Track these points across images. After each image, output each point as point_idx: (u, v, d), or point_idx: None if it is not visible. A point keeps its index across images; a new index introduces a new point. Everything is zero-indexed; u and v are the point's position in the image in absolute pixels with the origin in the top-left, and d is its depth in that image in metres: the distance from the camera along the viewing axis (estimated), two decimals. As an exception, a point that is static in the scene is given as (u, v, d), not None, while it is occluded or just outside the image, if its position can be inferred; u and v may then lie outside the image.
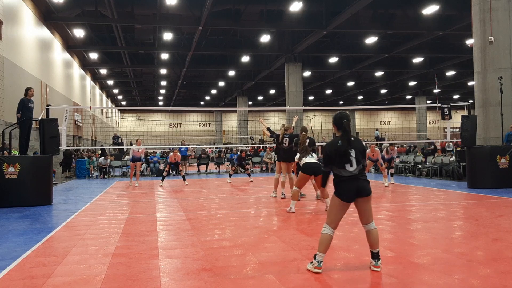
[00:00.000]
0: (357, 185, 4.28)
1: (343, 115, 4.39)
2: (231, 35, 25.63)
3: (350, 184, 4.29)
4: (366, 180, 4.36)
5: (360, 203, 4.35)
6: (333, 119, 4.43)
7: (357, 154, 4.30)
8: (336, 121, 4.40)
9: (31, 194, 10.14)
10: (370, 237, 4.37)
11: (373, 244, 4.36)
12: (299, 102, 26.70)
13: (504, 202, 9.19)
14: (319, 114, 52.05)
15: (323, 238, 4.35)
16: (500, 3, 12.99)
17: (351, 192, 4.29)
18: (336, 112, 4.49)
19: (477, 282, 3.94)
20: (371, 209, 4.39)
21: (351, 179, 4.29)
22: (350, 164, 4.28)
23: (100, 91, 40.74)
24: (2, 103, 14.30)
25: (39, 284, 4.13)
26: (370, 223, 4.38)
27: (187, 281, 4.16)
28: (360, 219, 4.45)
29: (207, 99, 48.04)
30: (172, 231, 6.71)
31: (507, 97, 12.80)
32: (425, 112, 43.98)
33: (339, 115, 4.39)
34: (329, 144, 4.44)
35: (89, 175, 20.84)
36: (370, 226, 4.37)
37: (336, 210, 4.37)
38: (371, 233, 4.36)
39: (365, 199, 4.33)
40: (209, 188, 14.06)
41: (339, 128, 4.38)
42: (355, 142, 4.35)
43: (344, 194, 4.31)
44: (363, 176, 4.35)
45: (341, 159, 4.28)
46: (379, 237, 4.41)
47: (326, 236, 4.34)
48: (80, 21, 21.50)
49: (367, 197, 4.33)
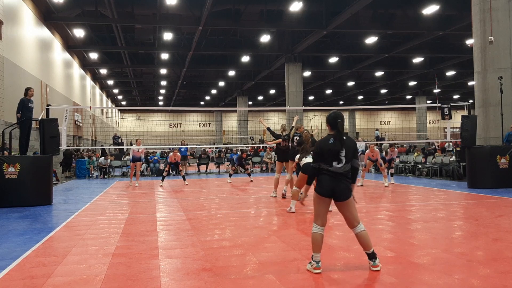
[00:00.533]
0: (335, 185, 4.30)
1: (337, 114, 4.42)
2: (231, 35, 25.63)
3: (328, 180, 4.32)
4: (346, 182, 4.33)
5: (340, 207, 4.39)
6: (327, 119, 4.47)
7: (347, 153, 4.31)
8: (330, 121, 4.44)
9: (31, 194, 10.14)
10: (359, 239, 4.37)
11: (364, 246, 4.36)
12: (299, 102, 26.70)
13: (504, 202, 9.19)
14: (319, 114, 52.10)
15: (313, 238, 4.40)
16: (500, 3, 12.99)
17: (326, 188, 4.32)
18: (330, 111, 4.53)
19: (477, 282, 3.94)
20: (353, 212, 4.37)
21: (331, 176, 4.32)
22: (337, 162, 4.31)
23: (100, 91, 40.73)
24: (2, 103, 14.30)
25: (39, 284, 4.14)
26: (356, 227, 4.36)
27: (187, 281, 4.16)
28: (347, 223, 4.46)
29: (207, 99, 48.03)
30: (172, 231, 6.71)
31: (507, 97, 12.80)
32: (425, 112, 43.98)
33: (333, 115, 4.43)
34: (321, 141, 4.49)
35: (89, 175, 20.84)
36: (356, 229, 4.36)
37: (318, 205, 4.41)
38: (359, 236, 4.36)
39: (343, 203, 4.34)
40: (209, 188, 14.06)
41: (333, 128, 4.42)
42: (347, 141, 4.37)
43: (320, 187, 4.35)
44: (346, 177, 4.34)
45: (330, 157, 4.32)
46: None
47: (315, 235, 4.38)
48: (80, 21, 21.50)
49: (345, 201, 4.32)
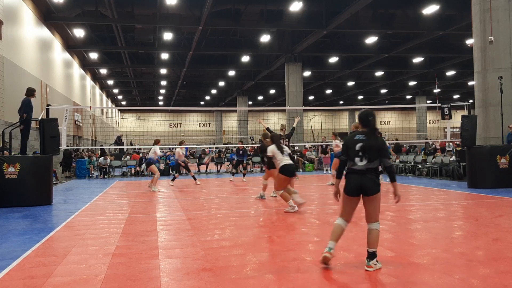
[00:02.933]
0: (361, 182, 4.39)
1: (369, 112, 4.53)
2: (231, 35, 25.63)
3: (354, 179, 4.43)
4: (372, 179, 4.39)
5: (365, 201, 4.46)
6: (359, 116, 4.58)
7: (371, 151, 4.37)
8: (362, 118, 4.55)
9: (31, 194, 10.13)
10: (369, 235, 4.45)
11: (370, 243, 4.43)
12: (299, 102, 26.70)
13: (504, 202, 9.18)
14: (319, 114, 52.12)
15: (334, 227, 4.58)
16: (500, 3, 12.99)
17: (353, 187, 4.42)
18: (362, 110, 4.64)
19: (477, 282, 3.93)
20: (376, 209, 4.43)
21: (356, 174, 4.43)
22: (360, 159, 4.41)
23: (100, 91, 40.73)
24: (2, 103, 14.30)
25: (39, 284, 4.13)
26: (372, 223, 4.44)
27: (187, 281, 4.16)
28: (366, 217, 4.53)
29: (207, 99, 48.03)
30: (172, 231, 6.71)
31: (507, 97, 12.80)
32: (425, 112, 44.00)
33: (365, 113, 4.55)
34: (349, 136, 4.68)
35: (89, 175, 20.84)
36: (371, 225, 4.44)
37: (344, 204, 4.56)
38: (371, 232, 4.43)
39: (369, 198, 4.41)
40: (209, 188, 14.06)
41: (365, 125, 4.52)
42: (373, 139, 4.43)
43: (347, 187, 4.48)
44: (371, 174, 4.40)
45: (353, 152, 4.42)
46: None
47: (336, 225, 4.56)
48: (80, 21, 21.50)
49: (371, 196, 4.39)
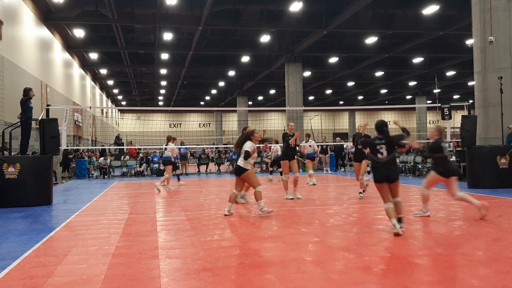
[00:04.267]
0: (386, 173, 6.00)
1: (382, 123, 6.13)
2: (231, 35, 25.62)
3: (381, 171, 6.03)
4: (394, 168, 6.08)
5: (391, 185, 6.07)
6: (376, 126, 6.16)
7: (389, 147, 6.00)
8: (378, 127, 6.13)
9: (31, 194, 10.13)
10: (396, 206, 6.03)
11: (398, 211, 6.01)
12: (299, 102, 26.70)
13: (504, 202, 9.18)
14: (319, 114, 52.07)
15: (386, 211, 6.02)
16: (500, 3, 12.98)
17: (381, 177, 6.02)
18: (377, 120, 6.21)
19: (477, 282, 3.93)
20: (398, 189, 6.13)
21: (381, 167, 6.02)
22: (381, 154, 6.03)
23: (100, 91, 40.73)
24: (2, 103, 14.30)
25: (39, 284, 4.13)
26: (396, 197, 6.09)
27: (187, 281, 4.16)
28: (391, 194, 6.07)
29: (207, 99, 48.00)
30: (172, 231, 6.71)
31: (507, 97, 12.79)
32: (425, 112, 43.98)
33: (380, 123, 6.14)
34: (370, 139, 6.45)
35: (89, 175, 20.84)
36: (396, 199, 6.09)
37: (380, 190, 6.10)
38: (397, 203, 6.05)
39: (393, 184, 6.07)
40: (209, 188, 14.06)
41: (380, 133, 6.11)
42: (391, 138, 6.05)
43: (376, 178, 6.07)
44: (392, 164, 6.08)
45: (375, 150, 6.08)
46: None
47: (387, 209, 6.02)
48: (80, 21, 21.50)
49: (395, 183, 6.07)
